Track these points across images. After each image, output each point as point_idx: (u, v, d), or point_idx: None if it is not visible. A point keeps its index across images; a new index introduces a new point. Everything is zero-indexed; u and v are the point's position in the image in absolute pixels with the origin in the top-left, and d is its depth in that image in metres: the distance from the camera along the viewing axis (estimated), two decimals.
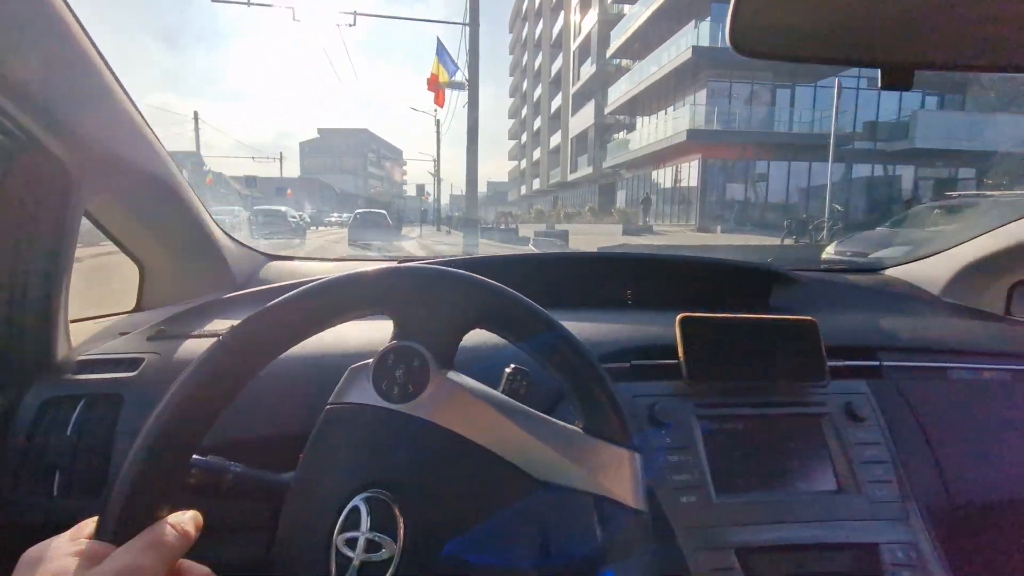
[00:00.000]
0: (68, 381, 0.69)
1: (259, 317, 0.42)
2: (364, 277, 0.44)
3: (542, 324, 0.46)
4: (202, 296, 0.96)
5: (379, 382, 0.44)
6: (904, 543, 0.66)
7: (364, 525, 0.39)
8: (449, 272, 0.46)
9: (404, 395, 0.43)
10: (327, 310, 0.44)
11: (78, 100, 0.61)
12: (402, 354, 0.44)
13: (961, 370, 0.84)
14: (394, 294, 0.45)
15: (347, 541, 0.40)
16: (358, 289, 0.44)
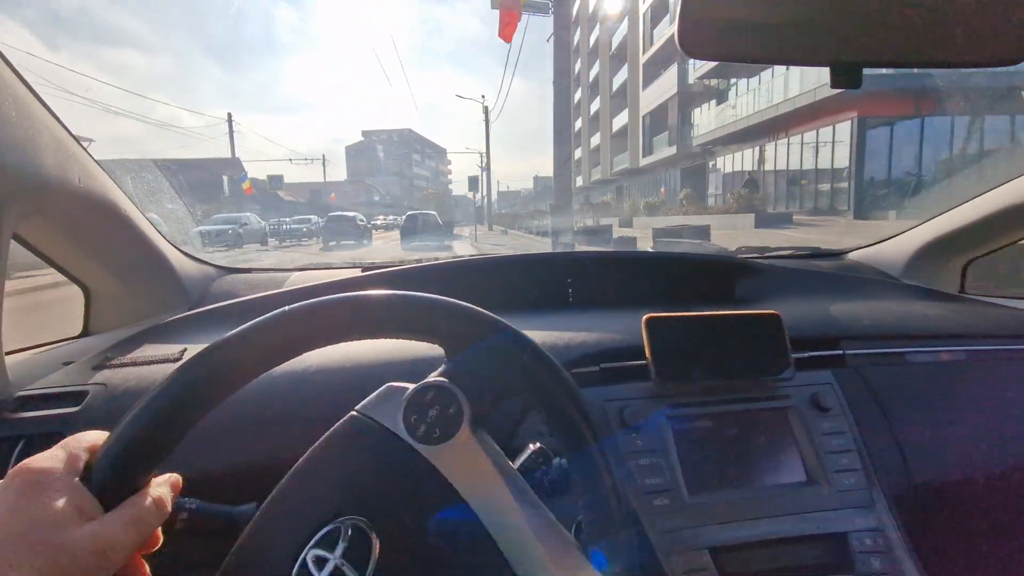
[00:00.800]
0: (5, 420, 0.64)
1: (295, 319, 0.41)
2: (421, 303, 0.44)
3: (589, 436, 0.44)
4: (155, 316, 0.95)
5: (410, 414, 0.43)
6: (871, 530, 0.67)
7: (338, 551, 0.39)
8: (516, 334, 0.45)
9: (429, 438, 0.43)
10: (377, 325, 0.43)
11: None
12: (442, 395, 0.44)
13: (920, 354, 0.85)
14: (449, 328, 0.45)
15: (316, 559, 0.39)
16: (408, 311, 0.44)
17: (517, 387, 0.45)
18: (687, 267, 1.12)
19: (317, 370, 0.72)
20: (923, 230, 1.20)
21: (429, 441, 0.43)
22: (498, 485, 0.43)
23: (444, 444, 0.43)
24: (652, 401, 0.72)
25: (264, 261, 1.75)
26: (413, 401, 0.44)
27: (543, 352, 0.45)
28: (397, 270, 1.04)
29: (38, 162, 0.64)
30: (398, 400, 0.44)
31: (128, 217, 0.85)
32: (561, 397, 0.44)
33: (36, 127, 0.63)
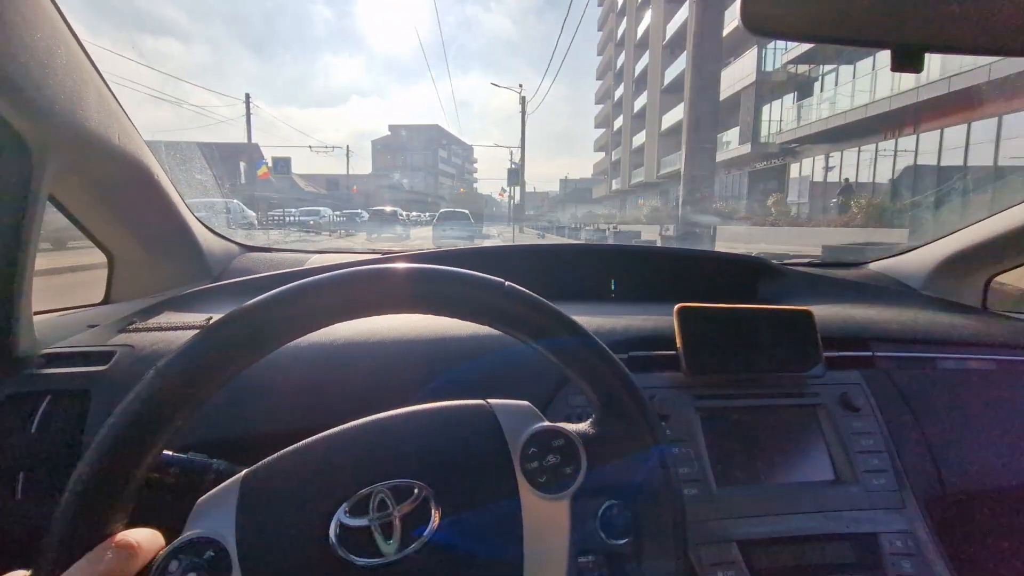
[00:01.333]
0: (32, 376, 0.65)
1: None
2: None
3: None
4: (175, 288, 0.94)
5: (529, 446, 0.43)
6: (902, 532, 0.66)
7: (398, 511, 0.40)
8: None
9: (533, 479, 0.42)
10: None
11: (41, 70, 0.56)
12: (568, 453, 0.43)
13: (950, 360, 0.85)
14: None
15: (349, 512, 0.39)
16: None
17: (642, 493, 0.44)
18: (713, 264, 1.12)
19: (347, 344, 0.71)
20: (946, 243, 1.19)
21: (532, 481, 0.42)
22: (557, 563, 0.42)
23: (541, 494, 0.42)
24: (681, 391, 0.71)
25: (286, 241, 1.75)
26: (539, 436, 0.44)
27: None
28: (418, 255, 1.04)
29: (82, 115, 0.63)
30: (527, 426, 0.44)
31: (159, 185, 0.85)
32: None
33: (84, 79, 0.63)
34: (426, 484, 0.41)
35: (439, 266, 0.42)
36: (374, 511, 0.40)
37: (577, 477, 0.43)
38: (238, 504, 0.40)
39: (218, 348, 0.38)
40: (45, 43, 0.56)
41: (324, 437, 0.44)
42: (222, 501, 0.40)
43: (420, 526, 0.40)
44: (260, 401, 0.63)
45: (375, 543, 0.39)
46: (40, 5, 0.55)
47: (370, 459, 0.42)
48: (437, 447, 0.43)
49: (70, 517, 0.34)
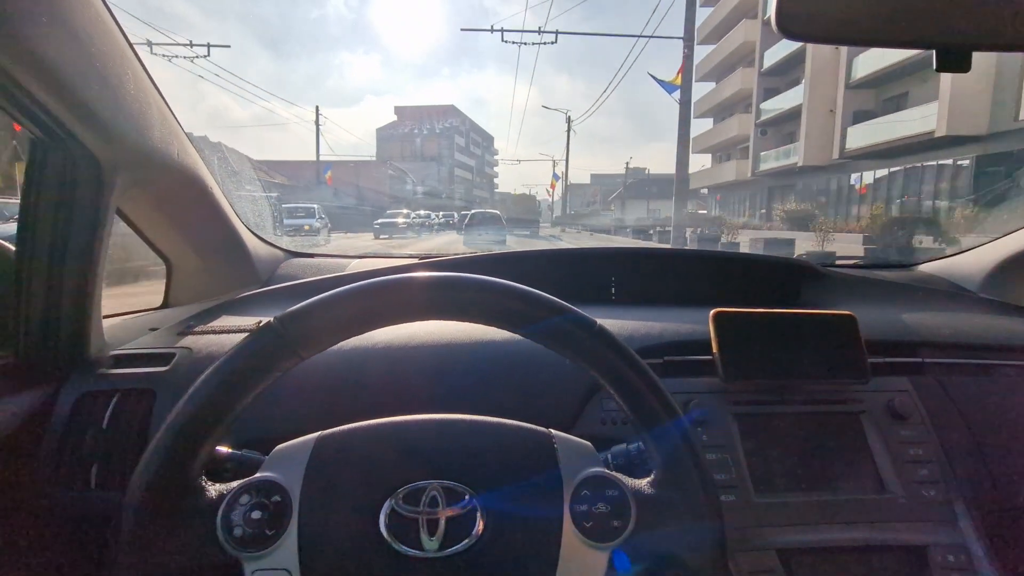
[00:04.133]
0: (102, 376, 0.70)
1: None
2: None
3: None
4: (227, 293, 0.99)
5: (583, 488, 0.43)
6: (953, 545, 0.63)
7: (445, 511, 0.42)
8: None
9: (580, 523, 0.42)
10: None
11: (112, 96, 0.61)
12: (618, 505, 0.43)
13: (1007, 367, 0.80)
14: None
15: (405, 499, 0.42)
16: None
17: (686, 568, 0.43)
18: (753, 267, 1.10)
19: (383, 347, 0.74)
20: (1004, 243, 1.13)
21: (578, 524, 0.42)
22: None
23: (583, 539, 0.42)
24: (718, 396, 0.70)
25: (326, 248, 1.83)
26: (595, 481, 0.44)
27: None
28: (453, 260, 1.06)
29: (147, 135, 0.68)
30: (585, 467, 0.44)
31: (213, 196, 0.91)
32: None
33: (148, 101, 0.68)
34: (476, 493, 0.42)
35: (534, 291, 0.44)
36: (424, 505, 0.42)
37: (623, 533, 0.42)
38: (308, 461, 0.43)
39: (258, 354, 0.41)
40: (116, 71, 0.61)
41: (396, 422, 0.47)
42: (296, 453, 0.44)
43: (463, 531, 0.41)
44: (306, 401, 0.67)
45: (418, 536, 0.41)
46: (112, 36, 0.60)
47: (432, 455, 0.44)
48: (494, 462, 0.44)
49: (132, 511, 0.38)
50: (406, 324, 0.46)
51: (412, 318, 0.44)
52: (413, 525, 0.41)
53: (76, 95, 0.56)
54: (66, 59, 0.54)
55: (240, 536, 0.40)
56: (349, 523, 0.42)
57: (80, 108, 0.57)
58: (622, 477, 0.44)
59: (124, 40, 0.63)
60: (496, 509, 0.42)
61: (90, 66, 0.57)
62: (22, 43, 0.49)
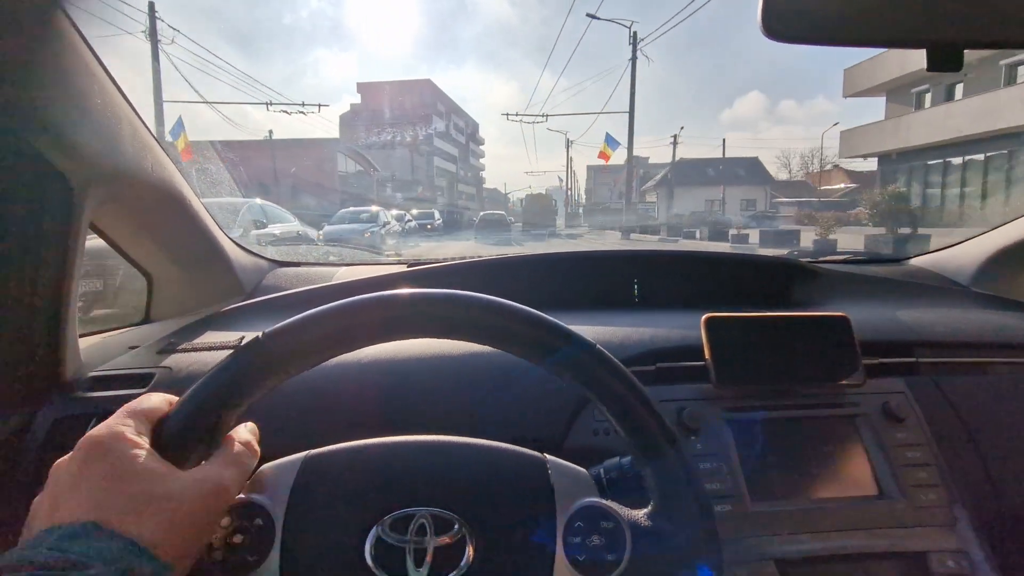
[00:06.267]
0: (80, 399, 0.68)
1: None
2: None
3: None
4: (210, 306, 0.98)
5: (576, 520, 0.41)
6: (953, 551, 0.62)
7: (432, 540, 0.40)
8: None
9: (574, 557, 0.40)
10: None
11: (79, 112, 0.59)
12: (613, 539, 0.41)
13: (1004, 365, 0.80)
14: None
15: (392, 527, 0.40)
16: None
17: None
18: (743, 268, 1.09)
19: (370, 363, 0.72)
20: (995, 236, 1.13)
21: (570, 557, 0.40)
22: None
23: (576, 574, 0.40)
24: (711, 403, 0.69)
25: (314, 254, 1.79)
26: (589, 511, 0.42)
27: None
28: (442, 266, 1.04)
29: (118, 150, 0.66)
30: (579, 496, 0.43)
31: (192, 207, 0.88)
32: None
33: (117, 116, 0.66)
34: (466, 522, 0.41)
35: (535, 313, 0.42)
36: (412, 534, 0.40)
37: (618, 568, 0.40)
38: (294, 483, 0.42)
39: (242, 372, 0.40)
40: (81, 86, 0.59)
41: (386, 443, 0.45)
42: (281, 474, 0.42)
43: (452, 561, 0.40)
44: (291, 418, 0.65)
45: (404, 566, 0.39)
46: (76, 50, 0.58)
47: (421, 480, 0.43)
48: (486, 488, 0.43)
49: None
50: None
51: (403, 336, 0.43)
52: (400, 553, 0.40)
53: (38, 113, 0.54)
54: (26, 75, 0.52)
55: (221, 560, 0.39)
56: (334, 550, 0.40)
57: (43, 127, 0.55)
58: (618, 508, 0.43)
59: (89, 51, 0.60)
60: (487, 539, 0.41)
61: (53, 82, 0.55)
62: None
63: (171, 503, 0.34)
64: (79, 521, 0.32)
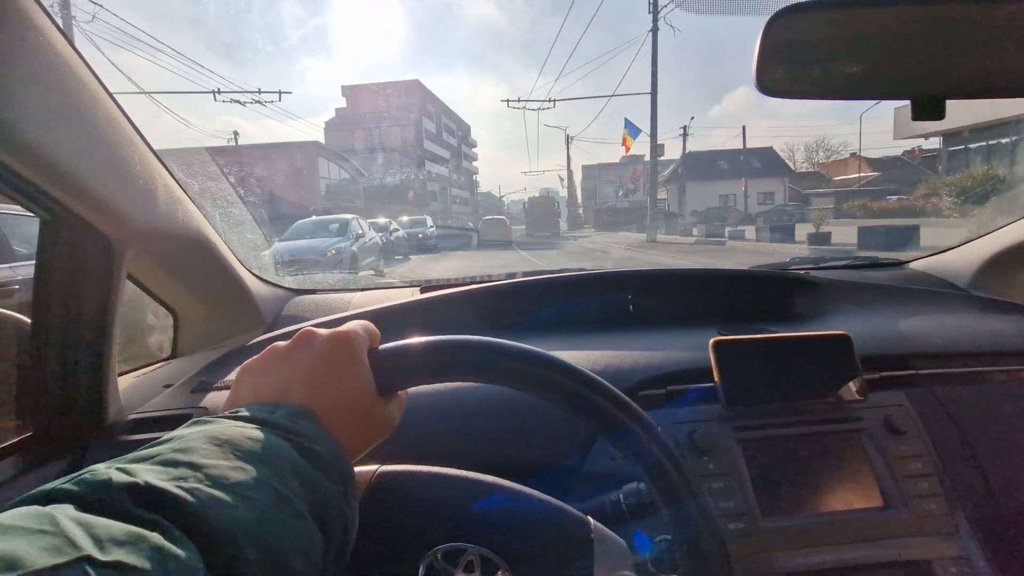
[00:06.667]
0: (123, 441, 0.71)
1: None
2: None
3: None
4: (233, 337, 1.02)
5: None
6: (956, 558, 0.65)
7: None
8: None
9: None
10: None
11: (119, 179, 0.63)
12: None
13: (1000, 373, 0.82)
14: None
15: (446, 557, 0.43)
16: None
17: None
18: (745, 283, 1.12)
19: None
20: (994, 239, 1.15)
21: None
22: None
23: None
24: (721, 424, 0.72)
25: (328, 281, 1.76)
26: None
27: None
28: (457, 292, 1.07)
29: (154, 208, 0.70)
30: (617, 568, 0.44)
31: (216, 248, 0.93)
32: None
33: (153, 177, 0.70)
34: (510, 568, 0.43)
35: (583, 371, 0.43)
36: (460, 569, 0.43)
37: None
38: (365, 493, 0.45)
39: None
40: (122, 154, 0.63)
41: (453, 475, 0.48)
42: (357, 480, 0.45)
43: None
44: None
45: None
46: (116, 121, 0.62)
47: (478, 518, 0.45)
48: (534, 539, 0.45)
49: None
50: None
51: (471, 380, 0.45)
52: None
53: (82, 182, 0.58)
54: (69, 148, 0.56)
55: None
56: (390, 566, 0.43)
57: (87, 194, 0.59)
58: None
59: (127, 120, 0.64)
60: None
61: (95, 153, 0.59)
62: (19, 134, 0.50)
63: (372, 423, 0.40)
64: (303, 405, 0.37)
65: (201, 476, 0.28)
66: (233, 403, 0.40)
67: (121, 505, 0.25)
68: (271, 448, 0.32)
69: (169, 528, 0.25)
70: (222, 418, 0.35)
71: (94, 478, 0.26)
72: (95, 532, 0.22)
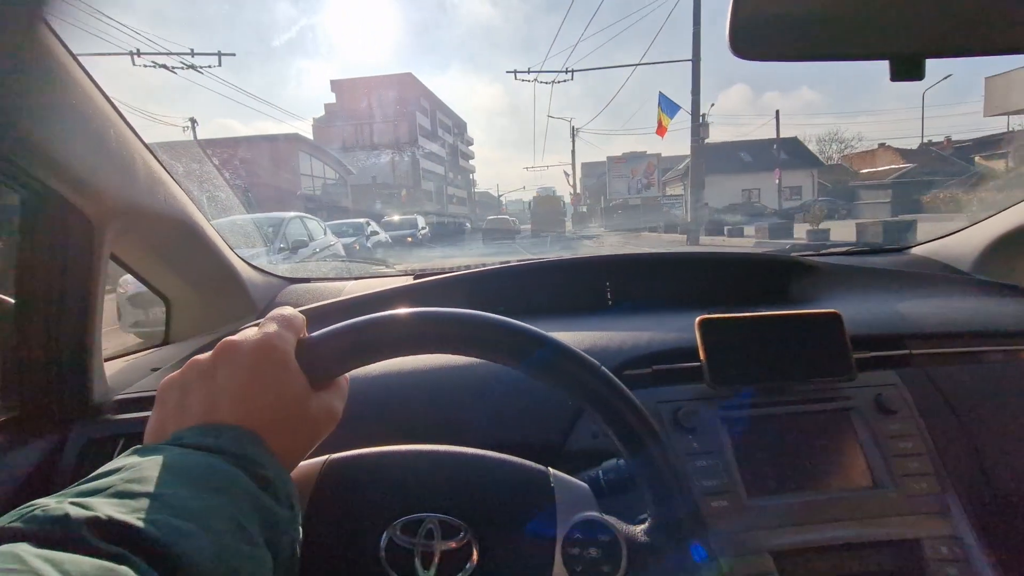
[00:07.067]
0: (108, 421, 0.72)
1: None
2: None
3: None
4: (226, 325, 1.02)
5: (575, 532, 0.43)
6: (947, 537, 0.64)
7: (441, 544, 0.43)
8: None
9: (581, 572, 0.42)
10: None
11: (95, 155, 0.63)
12: (609, 553, 0.43)
13: (996, 353, 0.80)
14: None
15: (404, 530, 0.43)
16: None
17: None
18: (738, 267, 1.11)
19: None
20: (996, 222, 1.13)
21: (568, 567, 0.42)
22: None
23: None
24: (706, 402, 0.71)
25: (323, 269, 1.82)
26: (588, 525, 0.44)
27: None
28: (448, 277, 1.07)
29: (132, 186, 0.70)
30: (579, 510, 0.45)
31: (204, 233, 0.93)
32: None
33: (131, 154, 0.70)
34: (472, 528, 0.43)
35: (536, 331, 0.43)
36: (421, 537, 0.43)
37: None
38: (315, 483, 0.45)
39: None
40: (96, 128, 0.63)
41: (399, 451, 0.48)
42: (304, 474, 0.45)
43: (457, 565, 0.43)
44: None
45: (414, 567, 0.42)
46: (89, 94, 0.62)
47: (432, 487, 0.46)
48: (492, 497, 0.45)
49: None
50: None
51: (393, 356, 0.45)
52: (409, 556, 0.43)
53: (58, 159, 0.58)
54: (45, 124, 0.56)
55: None
56: (350, 549, 0.43)
57: (64, 170, 0.59)
58: (616, 522, 0.45)
59: (103, 96, 0.64)
60: (491, 545, 0.43)
61: (70, 129, 0.59)
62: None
63: (311, 425, 0.38)
64: (245, 427, 0.35)
65: (160, 506, 0.27)
66: (160, 422, 0.38)
67: (83, 540, 0.24)
68: (226, 477, 0.31)
69: (136, 561, 0.24)
70: (166, 446, 0.33)
71: (46, 514, 0.25)
72: (64, 568, 0.22)
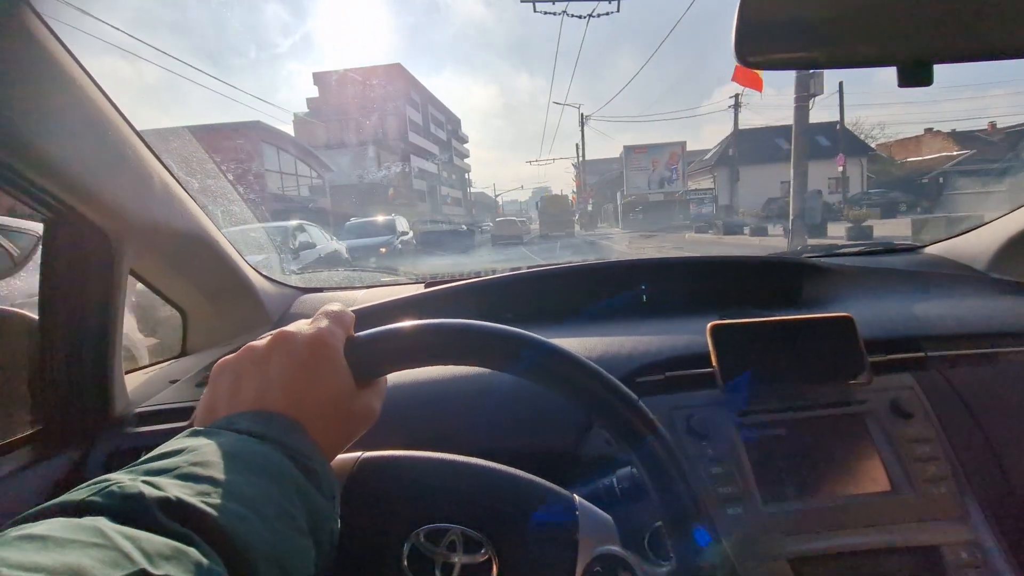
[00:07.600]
0: (130, 434, 0.73)
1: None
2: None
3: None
4: (242, 335, 1.03)
5: (591, 574, 0.43)
6: (967, 542, 0.63)
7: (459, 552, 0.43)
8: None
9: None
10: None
11: (113, 175, 0.65)
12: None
13: (1016, 354, 0.79)
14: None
15: (428, 537, 0.43)
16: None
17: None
18: (751, 271, 1.10)
19: None
20: (1011, 220, 1.11)
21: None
22: None
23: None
24: (720, 408, 0.71)
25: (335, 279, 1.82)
26: (609, 560, 0.44)
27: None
28: (459, 285, 1.08)
29: (151, 204, 0.72)
30: (602, 543, 0.44)
31: (219, 245, 0.95)
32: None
33: (148, 173, 0.71)
34: (494, 545, 0.44)
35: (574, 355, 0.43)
36: (443, 547, 0.43)
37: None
38: (348, 480, 0.45)
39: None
40: (116, 150, 0.65)
41: (431, 458, 0.48)
42: (338, 469, 0.45)
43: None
44: None
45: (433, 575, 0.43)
46: (109, 117, 0.64)
47: (460, 498, 0.46)
48: (517, 517, 0.45)
49: None
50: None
51: (450, 362, 0.44)
52: (429, 564, 0.43)
53: (78, 180, 0.60)
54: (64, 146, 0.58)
55: None
56: (373, 549, 0.43)
57: (83, 191, 0.61)
58: (637, 561, 0.44)
59: (120, 117, 0.66)
60: (511, 566, 0.43)
61: (89, 150, 0.61)
62: (17, 135, 0.52)
63: (352, 420, 0.40)
64: (291, 417, 0.36)
65: (222, 492, 0.29)
66: (211, 402, 0.40)
67: (155, 519, 0.25)
68: (277, 465, 0.33)
69: (201, 543, 0.25)
70: (222, 430, 0.35)
71: (122, 491, 0.26)
72: (142, 545, 0.23)
